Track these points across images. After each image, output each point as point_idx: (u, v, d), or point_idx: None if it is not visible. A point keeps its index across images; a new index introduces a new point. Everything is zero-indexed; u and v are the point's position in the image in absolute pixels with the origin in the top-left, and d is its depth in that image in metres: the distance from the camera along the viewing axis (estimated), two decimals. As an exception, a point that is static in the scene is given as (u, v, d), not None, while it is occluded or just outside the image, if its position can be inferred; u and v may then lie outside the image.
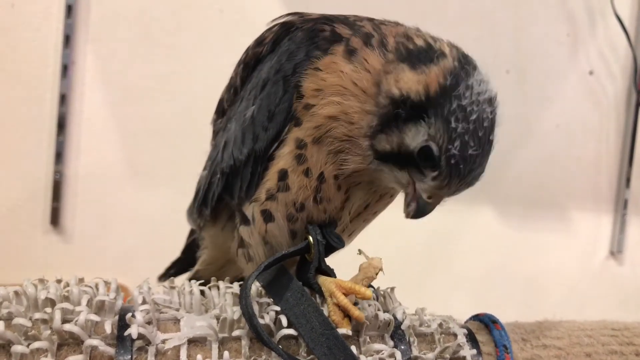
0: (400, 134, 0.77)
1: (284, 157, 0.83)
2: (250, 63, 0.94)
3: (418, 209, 0.81)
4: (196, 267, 1.13)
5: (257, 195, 0.87)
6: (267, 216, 0.86)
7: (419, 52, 0.78)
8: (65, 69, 2.05)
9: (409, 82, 0.76)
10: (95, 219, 2.13)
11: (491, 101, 0.78)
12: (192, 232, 1.20)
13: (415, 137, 0.76)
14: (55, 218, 2.09)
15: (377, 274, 0.84)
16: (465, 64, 0.78)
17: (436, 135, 0.75)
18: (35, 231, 2.10)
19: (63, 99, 2.06)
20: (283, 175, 0.83)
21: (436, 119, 0.74)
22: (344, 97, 0.79)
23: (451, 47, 0.80)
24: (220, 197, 0.96)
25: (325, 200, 0.83)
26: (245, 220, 0.90)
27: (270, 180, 0.85)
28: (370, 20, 0.86)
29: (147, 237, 2.10)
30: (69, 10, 2.02)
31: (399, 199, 0.98)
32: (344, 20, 0.85)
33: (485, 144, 0.77)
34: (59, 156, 2.07)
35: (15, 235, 2.09)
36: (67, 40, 2.04)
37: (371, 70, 0.79)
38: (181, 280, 1.17)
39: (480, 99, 0.76)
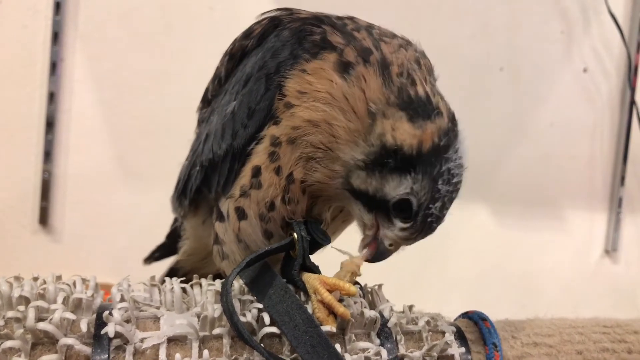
0: (382, 181, 0.77)
1: (259, 154, 0.82)
2: (236, 55, 0.93)
3: (377, 254, 0.82)
4: (177, 257, 1.13)
5: (232, 191, 0.85)
6: (241, 213, 0.85)
7: (419, 104, 0.77)
8: (54, 67, 2.03)
9: (405, 134, 0.75)
10: (85, 219, 2.11)
11: (463, 165, 0.79)
12: (176, 218, 1.19)
13: (397, 188, 0.76)
14: (44, 218, 2.07)
15: (359, 267, 0.83)
16: (455, 126, 0.79)
17: (420, 192, 0.76)
18: (24, 231, 2.08)
19: (52, 97, 2.04)
20: (256, 172, 0.82)
21: (424, 176, 0.75)
22: (331, 107, 0.77)
23: (445, 105, 0.80)
24: (199, 189, 0.94)
25: (293, 202, 0.82)
26: (221, 217, 0.89)
27: (244, 176, 0.83)
28: (369, 31, 0.83)
29: (137, 237, 2.07)
30: (58, 7, 2.00)
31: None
32: (339, 27, 0.82)
33: (451, 201, 0.80)
34: (48, 155, 2.05)
35: (4, 235, 2.06)
36: (56, 37, 2.02)
37: (367, 91, 0.77)
38: (164, 265, 1.16)
39: (461, 162, 0.78)
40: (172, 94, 2.08)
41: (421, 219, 0.77)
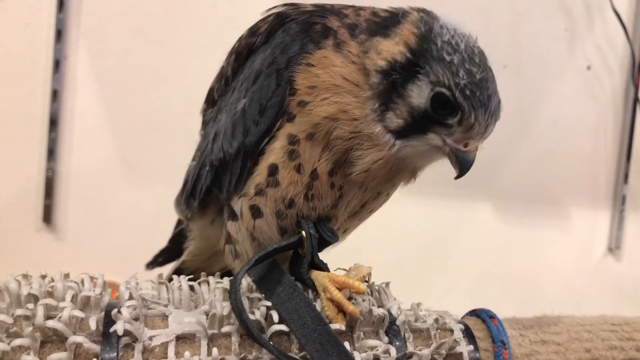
0: (405, 100, 0.76)
1: (275, 152, 0.81)
2: (242, 53, 0.92)
3: (460, 163, 0.79)
4: (183, 258, 1.12)
5: (246, 190, 0.85)
6: (256, 212, 0.84)
7: (385, 21, 0.79)
8: (57, 64, 2.02)
9: (389, 48, 0.76)
10: (89, 216, 2.10)
11: (469, 34, 0.78)
12: (179, 222, 1.18)
13: (420, 93, 0.75)
14: (47, 215, 2.07)
15: (369, 274, 0.82)
16: (428, 13, 0.80)
17: (439, 78, 0.74)
18: (27, 229, 2.08)
19: (55, 95, 2.03)
20: (273, 170, 0.81)
21: (430, 64, 0.74)
22: (339, 95, 0.77)
23: (412, 7, 0.81)
24: (208, 189, 0.94)
25: (317, 198, 0.82)
26: (234, 216, 0.88)
27: (260, 175, 0.83)
28: (353, 7, 0.85)
29: (140, 234, 2.07)
30: (61, 4, 2.00)
31: (394, 197, 0.96)
32: (335, 11, 0.84)
33: (487, 68, 0.76)
34: (51, 153, 2.05)
35: (8, 233, 2.06)
36: (59, 35, 2.01)
37: (356, 60, 0.78)
38: (168, 269, 1.15)
39: (458, 32, 0.77)
40: (175, 91, 2.07)
41: (462, 98, 0.74)
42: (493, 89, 0.77)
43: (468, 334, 0.82)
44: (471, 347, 0.80)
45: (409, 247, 2.30)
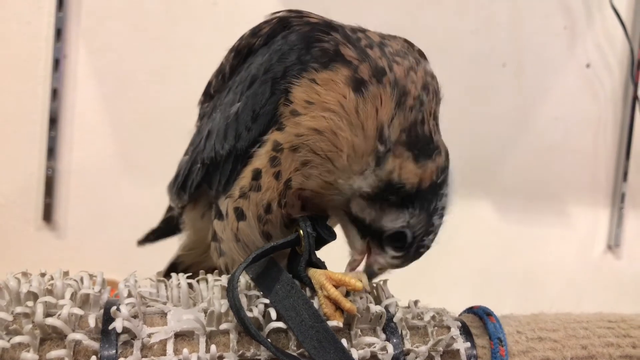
0: (380, 213, 0.81)
1: (260, 157, 0.82)
2: (242, 52, 0.92)
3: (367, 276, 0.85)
4: (178, 252, 1.13)
5: (232, 191, 0.86)
6: (239, 214, 0.85)
7: (423, 143, 0.80)
8: (57, 63, 2.03)
9: (409, 173, 0.79)
10: (89, 215, 2.11)
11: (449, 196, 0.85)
12: (170, 207, 1.18)
13: (394, 221, 0.81)
14: (48, 214, 2.08)
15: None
16: (449, 162, 0.84)
17: (416, 226, 0.81)
18: (27, 227, 2.08)
19: (55, 94, 2.04)
20: (257, 174, 0.82)
21: (421, 212, 0.80)
22: (339, 117, 0.77)
23: (442, 142, 0.85)
24: (199, 184, 0.94)
25: (289, 206, 0.83)
26: (220, 215, 0.89)
27: (245, 178, 0.84)
28: (382, 49, 0.81)
29: (141, 233, 2.07)
30: (60, 3, 2.00)
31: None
32: (353, 40, 0.80)
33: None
34: (51, 151, 2.06)
35: (8, 232, 2.07)
36: (59, 33, 2.02)
37: (380, 111, 0.77)
38: (162, 254, 1.16)
39: (449, 195, 0.84)
40: (176, 89, 2.08)
41: (414, 250, 0.83)
42: (429, 246, 0.86)
43: (465, 331, 0.82)
44: (468, 344, 0.80)
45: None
